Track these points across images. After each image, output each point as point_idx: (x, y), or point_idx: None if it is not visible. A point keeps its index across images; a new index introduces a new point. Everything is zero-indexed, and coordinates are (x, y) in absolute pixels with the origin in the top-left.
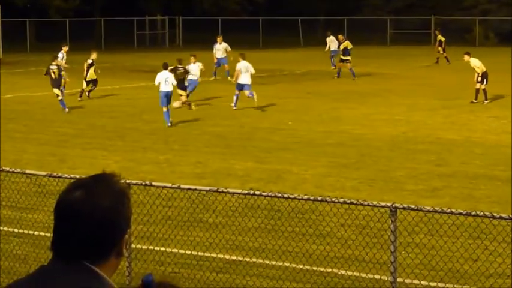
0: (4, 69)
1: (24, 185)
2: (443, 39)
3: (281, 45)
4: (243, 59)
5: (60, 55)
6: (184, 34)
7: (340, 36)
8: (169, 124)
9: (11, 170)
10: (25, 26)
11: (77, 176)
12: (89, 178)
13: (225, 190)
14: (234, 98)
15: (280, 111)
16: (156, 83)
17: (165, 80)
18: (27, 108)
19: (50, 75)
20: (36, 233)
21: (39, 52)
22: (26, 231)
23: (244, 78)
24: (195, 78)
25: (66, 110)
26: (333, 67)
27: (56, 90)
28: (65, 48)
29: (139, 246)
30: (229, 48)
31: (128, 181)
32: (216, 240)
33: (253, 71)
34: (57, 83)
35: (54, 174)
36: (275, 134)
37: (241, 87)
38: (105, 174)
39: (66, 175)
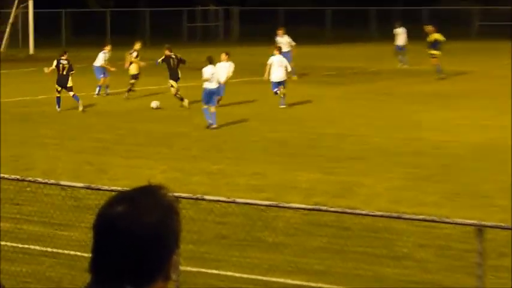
0: (36, 66)
1: (59, 198)
2: None
3: (351, 39)
4: (279, 52)
5: (101, 55)
6: (240, 26)
7: (429, 27)
8: (210, 125)
9: (43, 181)
10: (60, 17)
11: (118, 188)
12: (132, 191)
13: (286, 205)
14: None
15: (349, 115)
16: (206, 76)
17: (211, 76)
18: (63, 110)
19: (58, 70)
20: (72, 252)
21: (75, 47)
22: (60, 251)
23: (278, 74)
24: (222, 80)
25: (58, 109)
26: (401, 64)
27: (57, 86)
28: (108, 48)
29: (188, 268)
30: (293, 43)
31: (176, 194)
32: (276, 261)
33: (289, 68)
34: (63, 80)
35: (93, 186)
36: (344, 141)
37: (277, 85)
38: (151, 186)
39: (105, 187)
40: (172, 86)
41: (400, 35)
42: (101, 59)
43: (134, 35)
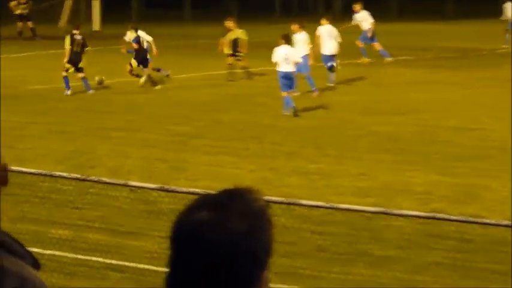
0: (103, 45)
1: (127, 202)
2: None
3: (477, 15)
4: (328, 21)
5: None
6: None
7: None
8: (289, 112)
9: (109, 181)
10: None
11: (197, 190)
12: (217, 194)
13: (397, 212)
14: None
15: (472, 105)
16: (275, 60)
17: (285, 57)
18: (131, 98)
19: (72, 47)
20: (142, 265)
21: (147, 22)
22: (128, 263)
23: (330, 46)
24: (303, 54)
25: (68, 92)
26: (505, 45)
27: (68, 65)
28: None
29: (281, 285)
30: (371, 19)
31: (266, 198)
32: (385, 279)
33: (339, 39)
34: (75, 58)
35: (167, 187)
36: (466, 137)
37: (329, 59)
38: (238, 189)
39: (182, 189)
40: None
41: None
42: None
43: (218, 9)
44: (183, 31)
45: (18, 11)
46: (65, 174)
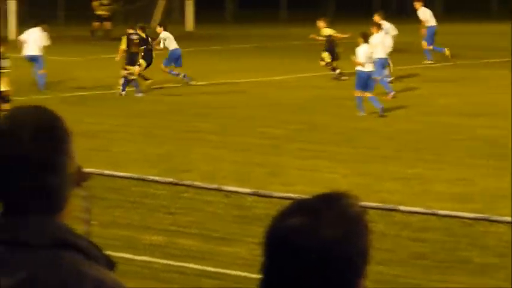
0: (196, 46)
1: (221, 207)
2: None
3: None
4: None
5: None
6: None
7: None
8: (382, 111)
9: (203, 186)
10: None
11: (293, 195)
12: (311, 199)
13: (499, 218)
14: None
15: None
16: (361, 59)
17: (367, 57)
18: (225, 100)
19: (129, 48)
20: (236, 272)
21: (242, 23)
22: (222, 270)
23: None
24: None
25: (123, 93)
26: None
27: (132, 68)
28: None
29: None
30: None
31: (363, 204)
32: (485, 287)
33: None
34: (132, 58)
35: (262, 192)
36: None
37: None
38: (334, 194)
39: (277, 194)
40: (126, 69)
41: None
42: None
43: (315, 9)
44: (278, 32)
45: (99, 12)
46: (157, 178)
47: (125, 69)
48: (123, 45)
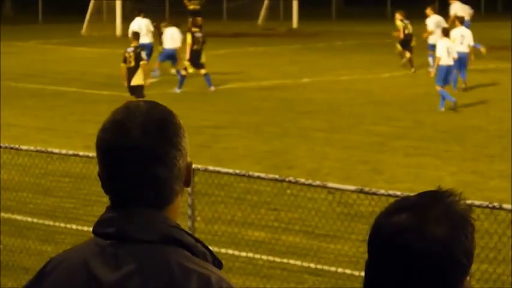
0: (301, 43)
1: (325, 204)
2: None
3: None
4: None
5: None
6: None
7: None
8: (444, 108)
9: (307, 183)
10: None
11: (397, 193)
12: (416, 197)
13: None
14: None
15: None
16: (439, 54)
17: (447, 51)
18: (330, 97)
19: (193, 44)
20: (340, 269)
21: (346, 20)
22: (326, 267)
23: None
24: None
25: (178, 90)
26: None
27: (187, 63)
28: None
29: None
30: (469, 10)
31: (469, 202)
32: None
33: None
34: (195, 55)
35: (366, 189)
36: None
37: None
38: (439, 191)
39: (382, 191)
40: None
41: None
42: None
43: (420, 6)
44: (383, 29)
45: (191, 7)
46: (262, 174)
47: (185, 68)
48: (188, 43)
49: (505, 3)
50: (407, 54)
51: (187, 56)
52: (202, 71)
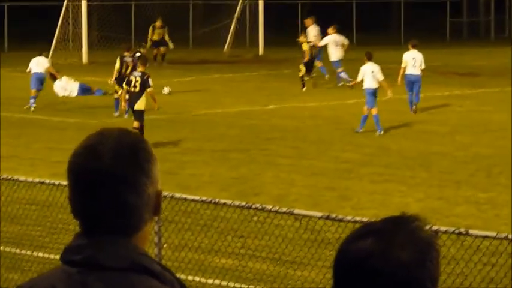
0: (267, 69)
1: (292, 230)
2: None
3: None
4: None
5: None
6: None
7: None
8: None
9: (274, 209)
10: (296, 10)
11: (364, 220)
12: (381, 222)
13: None
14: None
15: None
16: (359, 78)
17: (371, 74)
18: (297, 124)
19: (120, 69)
20: None
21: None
22: None
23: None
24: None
25: (116, 114)
26: None
27: (118, 88)
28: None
29: None
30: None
31: (435, 228)
32: None
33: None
34: (123, 79)
35: (333, 216)
36: None
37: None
38: (404, 217)
39: (349, 217)
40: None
41: None
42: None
43: (387, 30)
44: (350, 55)
45: (154, 37)
46: (228, 201)
47: (116, 91)
48: (117, 67)
49: (470, 30)
50: (304, 73)
51: (113, 78)
52: (116, 96)
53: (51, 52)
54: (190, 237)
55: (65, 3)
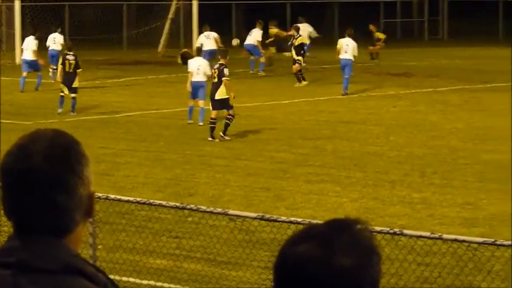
0: None
1: (227, 231)
2: None
3: None
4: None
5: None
6: (450, 23)
7: None
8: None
9: (208, 210)
10: (230, 9)
11: (299, 220)
12: (323, 225)
13: (504, 243)
14: None
15: None
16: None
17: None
18: (232, 124)
19: (64, 68)
20: None
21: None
22: None
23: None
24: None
25: (59, 111)
26: None
27: (63, 87)
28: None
29: None
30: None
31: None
32: None
33: None
34: (70, 78)
35: (267, 216)
36: None
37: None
38: (346, 220)
39: (283, 218)
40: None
41: None
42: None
43: (320, 30)
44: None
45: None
46: (163, 202)
47: (62, 91)
48: (59, 65)
49: (403, 31)
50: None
51: (59, 78)
52: (72, 95)
53: None
54: (125, 238)
55: None
